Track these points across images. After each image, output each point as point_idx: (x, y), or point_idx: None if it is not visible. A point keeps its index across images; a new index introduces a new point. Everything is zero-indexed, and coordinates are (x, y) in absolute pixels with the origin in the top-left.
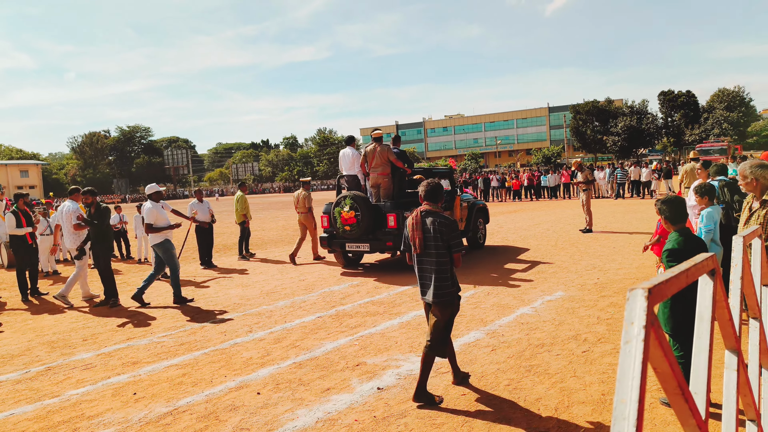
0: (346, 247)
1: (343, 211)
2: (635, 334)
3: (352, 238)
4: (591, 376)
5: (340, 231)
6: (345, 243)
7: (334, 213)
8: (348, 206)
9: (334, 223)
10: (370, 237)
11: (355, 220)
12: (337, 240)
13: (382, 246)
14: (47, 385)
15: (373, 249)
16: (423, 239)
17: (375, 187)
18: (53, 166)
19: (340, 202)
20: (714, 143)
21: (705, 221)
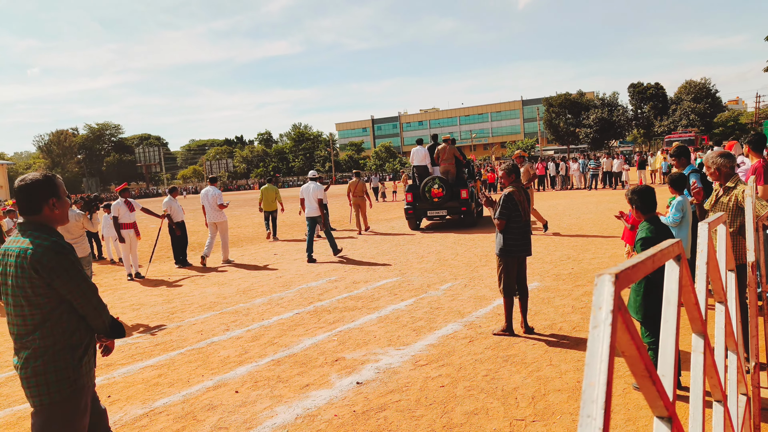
0: (428, 213)
1: (434, 188)
2: (603, 319)
3: (435, 207)
4: (566, 364)
5: (429, 202)
6: (427, 211)
7: (425, 189)
8: (437, 185)
9: (421, 197)
10: (448, 205)
11: (442, 193)
12: (420, 209)
13: (457, 211)
14: (17, 390)
15: (450, 213)
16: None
17: (445, 173)
18: (19, 166)
19: (428, 182)
20: (682, 134)
21: (673, 210)
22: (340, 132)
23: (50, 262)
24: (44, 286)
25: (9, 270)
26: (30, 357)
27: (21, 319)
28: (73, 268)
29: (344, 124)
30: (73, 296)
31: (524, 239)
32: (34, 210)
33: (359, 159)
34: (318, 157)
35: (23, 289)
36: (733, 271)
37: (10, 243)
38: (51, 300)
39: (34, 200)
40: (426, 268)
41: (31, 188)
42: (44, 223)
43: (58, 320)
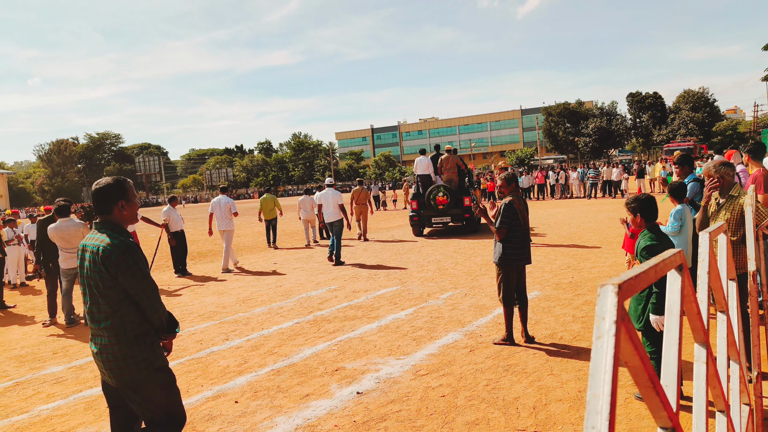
0: (432, 220)
1: (439, 196)
2: (606, 329)
3: (440, 214)
4: (568, 374)
5: (435, 209)
6: (431, 218)
7: (431, 197)
8: (441, 193)
9: (426, 205)
10: (452, 212)
11: (447, 201)
12: (424, 216)
13: (460, 217)
14: (16, 401)
15: (453, 220)
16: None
17: (448, 181)
18: (19, 175)
19: (433, 190)
20: (681, 143)
21: (672, 219)
22: (340, 141)
23: (117, 258)
24: (112, 280)
25: (86, 264)
26: (107, 344)
27: (96, 307)
28: (136, 266)
29: (344, 134)
30: (134, 291)
31: (523, 248)
32: (106, 210)
33: (359, 168)
34: (318, 166)
35: (95, 281)
36: (734, 280)
37: (88, 239)
38: (118, 293)
39: (105, 202)
40: (426, 277)
41: (104, 191)
42: (116, 222)
43: (127, 311)
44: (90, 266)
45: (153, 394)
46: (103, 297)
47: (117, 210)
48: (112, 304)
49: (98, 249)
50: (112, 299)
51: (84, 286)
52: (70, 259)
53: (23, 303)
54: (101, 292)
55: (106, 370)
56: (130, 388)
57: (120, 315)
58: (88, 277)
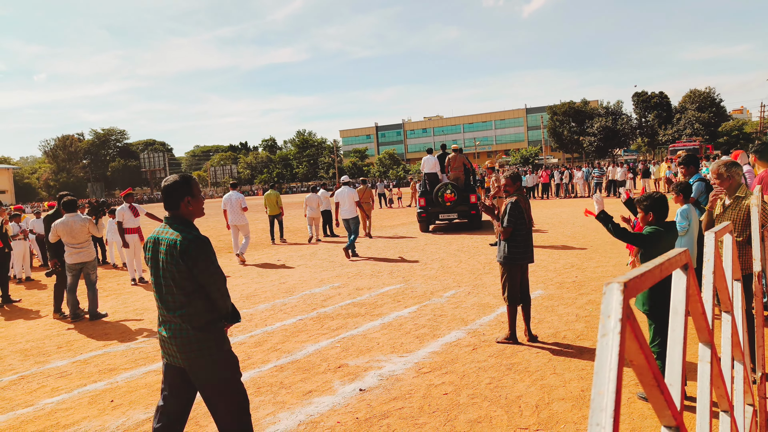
0: (440, 216)
1: (447, 193)
2: (611, 327)
3: (447, 210)
4: (570, 373)
5: (442, 206)
6: (439, 214)
7: (438, 194)
8: (449, 190)
9: (434, 202)
10: (459, 209)
11: (454, 198)
12: (432, 213)
13: (467, 214)
14: (20, 395)
15: (460, 216)
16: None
17: (455, 179)
18: (25, 171)
19: (441, 188)
20: (686, 143)
21: (679, 218)
22: (344, 139)
23: (194, 252)
24: (187, 272)
25: (160, 256)
26: (180, 329)
27: (171, 296)
28: (209, 259)
29: (348, 131)
30: (207, 282)
31: (527, 247)
32: (174, 206)
33: (363, 166)
34: (322, 163)
35: (171, 273)
36: (739, 280)
37: (159, 233)
38: (192, 284)
39: (173, 198)
40: (429, 275)
41: (171, 188)
42: (185, 217)
43: (199, 300)
44: (166, 258)
45: (222, 376)
46: (178, 287)
47: (183, 205)
48: (186, 294)
49: (175, 243)
50: (186, 289)
51: (157, 277)
52: (75, 254)
53: (28, 297)
54: (177, 282)
55: (180, 353)
56: (201, 369)
57: (193, 304)
58: (164, 269)
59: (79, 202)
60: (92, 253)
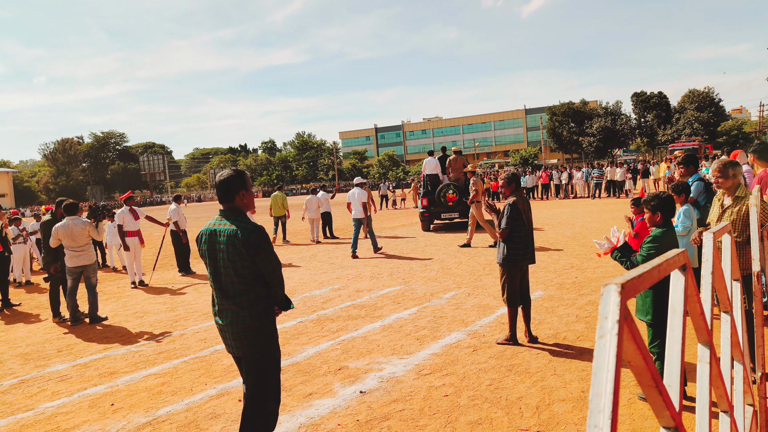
0: (442, 215)
1: (449, 194)
2: (609, 329)
3: (449, 209)
4: (571, 374)
5: (444, 205)
6: (441, 213)
7: (441, 194)
8: (451, 191)
9: (437, 202)
10: (459, 208)
11: (456, 198)
12: (434, 212)
13: (467, 214)
14: (21, 399)
15: (461, 215)
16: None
17: (456, 180)
18: (24, 174)
19: (443, 188)
20: (686, 143)
21: (682, 218)
22: (344, 140)
23: (255, 240)
24: (248, 260)
25: (220, 246)
26: (238, 315)
27: (230, 284)
28: (269, 247)
29: (348, 133)
30: (266, 269)
31: (527, 248)
32: (229, 199)
33: (362, 167)
34: (321, 165)
35: (233, 261)
36: (738, 280)
37: (214, 225)
38: (252, 271)
39: (228, 192)
40: (429, 277)
41: (227, 182)
42: (240, 209)
43: (257, 287)
44: (227, 248)
45: (269, 365)
46: (238, 275)
47: (239, 199)
48: (245, 282)
49: (236, 233)
50: (246, 277)
51: (215, 267)
52: (75, 258)
53: (28, 301)
54: (237, 270)
55: (235, 341)
56: (252, 356)
57: (252, 291)
58: (224, 258)
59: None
60: (93, 257)
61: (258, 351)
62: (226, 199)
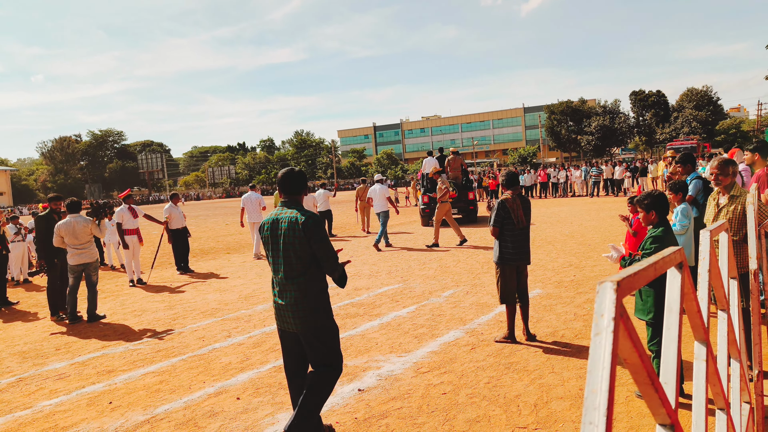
0: None
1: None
2: (605, 326)
3: None
4: (569, 372)
5: None
6: None
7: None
8: (451, 188)
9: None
10: (458, 205)
11: (455, 195)
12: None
13: (465, 209)
14: (18, 397)
15: (460, 211)
16: (524, 215)
17: (455, 178)
18: (22, 172)
19: None
20: (684, 141)
21: (680, 217)
22: (342, 139)
23: (312, 226)
24: (307, 244)
25: (282, 232)
26: (299, 297)
27: (289, 267)
28: (324, 234)
29: (346, 131)
30: (321, 253)
31: (519, 247)
32: (297, 192)
33: (361, 166)
34: (320, 163)
35: (293, 245)
36: (735, 278)
37: (277, 214)
38: (309, 254)
39: (300, 185)
40: (428, 275)
41: (298, 176)
42: (299, 201)
43: (314, 269)
44: (288, 233)
45: (329, 338)
46: (298, 257)
47: (303, 193)
48: (304, 264)
49: (297, 219)
50: (304, 260)
51: (276, 251)
52: (77, 255)
53: (26, 299)
54: (297, 253)
55: (295, 319)
56: (313, 333)
57: (310, 272)
58: (285, 242)
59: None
60: (94, 254)
61: (316, 326)
62: (293, 192)
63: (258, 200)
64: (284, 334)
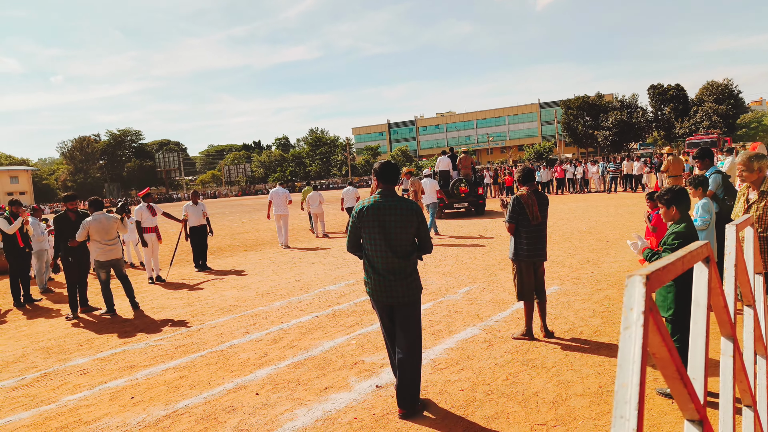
0: (454, 205)
1: (461, 186)
2: (634, 320)
3: (461, 200)
4: (588, 369)
5: (457, 197)
6: (454, 203)
7: (455, 188)
8: (463, 184)
9: (450, 194)
10: (469, 199)
11: (467, 190)
12: (449, 202)
13: (475, 203)
14: (44, 391)
15: (470, 205)
16: (539, 211)
17: (465, 176)
18: (43, 172)
19: (456, 182)
20: (704, 136)
21: (701, 212)
22: (357, 136)
23: (418, 211)
24: (414, 227)
25: (392, 217)
26: (409, 272)
27: (401, 247)
28: (423, 217)
29: (361, 129)
30: (422, 235)
31: (535, 244)
32: (393, 181)
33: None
34: (335, 161)
35: (405, 228)
36: (761, 274)
37: (378, 201)
38: (413, 235)
39: (395, 176)
40: (444, 272)
41: (395, 169)
42: (395, 191)
43: (414, 248)
44: (400, 218)
45: (419, 309)
46: (407, 238)
47: (397, 182)
48: (410, 243)
49: (407, 206)
50: (410, 240)
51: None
52: (108, 251)
53: (49, 296)
54: (407, 235)
55: (405, 290)
56: (412, 305)
57: (413, 250)
58: (397, 226)
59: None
60: (120, 250)
61: (417, 294)
62: (390, 181)
63: (285, 195)
64: (385, 308)
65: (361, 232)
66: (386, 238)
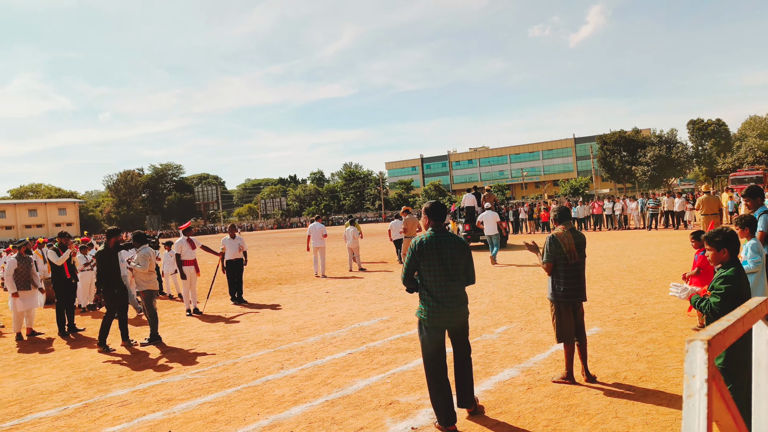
0: (480, 238)
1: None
2: (698, 388)
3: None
4: (634, 417)
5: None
6: (479, 236)
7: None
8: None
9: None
10: None
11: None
12: (475, 235)
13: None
14: (85, 422)
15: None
16: (576, 251)
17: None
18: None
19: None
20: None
21: (750, 253)
22: (390, 171)
23: (467, 246)
24: (465, 259)
25: (450, 250)
26: (463, 297)
27: (457, 275)
28: (471, 251)
29: (394, 163)
30: (470, 265)
31: (573, 283)
32: (442, 219)
33: (408, 197)
34: (368, 195)
35: (459, 260)
36: None
37: (438, 237)
38: (464, 266)
39: (443, 214)
40: (480, 310)
41: (444, 208)
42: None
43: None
44: (456, 250)
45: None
46: (462, 269)
47: (444, 221)
48: (464, 274)
49: (459, 241)
50: (463, 271)
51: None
52: (152, 282)
53: (92, 326)
54: (461, 266)
55: (461, 315)
56: (465, 326)
57: (464, 279)
58: (453, 257)
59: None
60: (157, 283)
61: (466, 322)
62: (440, 219)
63: (321, 229)
64: (440, 333)
65: (419, 265)
66: (445, 268)
